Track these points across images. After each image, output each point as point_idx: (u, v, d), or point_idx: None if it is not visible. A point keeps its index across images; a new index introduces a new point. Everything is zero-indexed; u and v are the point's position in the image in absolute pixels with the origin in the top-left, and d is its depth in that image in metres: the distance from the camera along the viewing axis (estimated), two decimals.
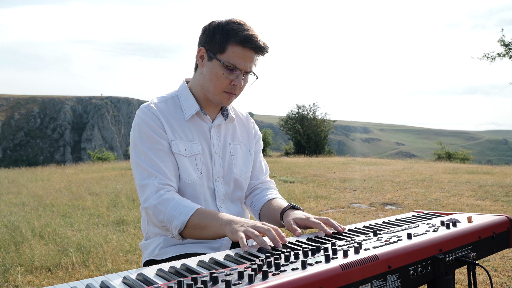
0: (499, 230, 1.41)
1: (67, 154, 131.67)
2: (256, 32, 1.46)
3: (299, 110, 27.26)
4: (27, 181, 11.14)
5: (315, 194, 7.71)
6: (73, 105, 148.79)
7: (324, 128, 25.97)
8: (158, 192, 1.39)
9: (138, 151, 1.47)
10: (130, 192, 8.11)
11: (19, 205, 7.34)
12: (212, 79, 1.48)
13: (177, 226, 1.35)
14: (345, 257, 0.98)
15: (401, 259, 1.06)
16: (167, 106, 1.55)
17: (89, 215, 6.17)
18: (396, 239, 1.15)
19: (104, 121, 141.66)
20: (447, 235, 1.21)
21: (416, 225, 1.36)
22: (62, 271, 3.64)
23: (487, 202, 6.51)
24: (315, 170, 12.04)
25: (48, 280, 3.44)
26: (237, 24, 1.45)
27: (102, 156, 25.65)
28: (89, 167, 15.67)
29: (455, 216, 1.48)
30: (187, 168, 1.50)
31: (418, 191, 7.66)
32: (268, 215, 1.57)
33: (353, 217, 5.54)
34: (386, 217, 1.61)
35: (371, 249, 1.05)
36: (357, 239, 1.19)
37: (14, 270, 3.68)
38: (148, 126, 1.47)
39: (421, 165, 13.83)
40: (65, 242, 4.55)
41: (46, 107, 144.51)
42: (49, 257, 4.00)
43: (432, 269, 1.15)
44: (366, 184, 8.94)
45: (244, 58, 1.44)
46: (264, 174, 1.75)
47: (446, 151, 22.53)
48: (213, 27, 1.47)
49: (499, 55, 11.87)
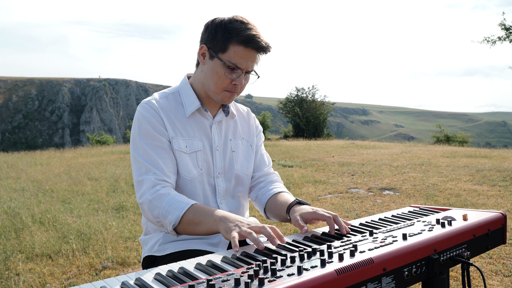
0: (494, 227, 1.42)
1: (66, 137, 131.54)
2: (258, 31, 1.45)
3: (298, 93, 27.15)
4: (26, 166, 11.16)
5: (314, 179, 7.75)
6: (71, 87, 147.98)
7: (323, 111, 25.90)
8: (154, 187, 1.40)
9: (137, 146, 1.47)
10: (129, 177, 8.14)
11: (18, 190, 7.37)
12: (213, 77, 1.47)
13: (171, 222, 1.35)
14: (340, 260, 1.00)
15: (396, 261, 1.07)
16: (168, 102, 1.55)
17: (88, 201, 6.20)
18: (391, 240, 1.16)
19: (102, 103, 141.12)
20: (442, 235, 1.22)
21: (412, 223, 1.37)
22: (62, 259, 3.68)
23: (484, 187, 6.55)
24: (314, 154, 12.06)
25: (49, 268, 3.48)
26: (240, 22, 1.43)
27: (101, 139, 25.63)
28: (88, 151, 15.68)
29: (450, 213, 1.50)
30: (187, 165, 1.50)
31: (416, 176, 7.69)
32: (274, 210, 1.57)
33: (351, 203, 5.58)
34: (383, 213, 1.62)
35: (367, 252, 1.06)
36: (353, 239, 1.20)
37: (15, 258, 3.71)
38: (148, 122, 1.47)
39: (420, 149, 13.86)
40: (65, 228, 4.59)
41: (44, 89, 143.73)
42: (50, 244, 4.04)
43: (427, 269, 1.16)
44: (365, 168, 8.97)
45: (245, 58, 1.44)
46: (266, 165, 1.75)
47: (445, 134, 22.54)
48: (215, 25, 1.45)
49: (499, 39, 11.77)
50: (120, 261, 3.56)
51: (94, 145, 24.11)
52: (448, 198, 5.71)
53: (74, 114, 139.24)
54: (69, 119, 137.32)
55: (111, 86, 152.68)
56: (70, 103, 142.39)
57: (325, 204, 5.54)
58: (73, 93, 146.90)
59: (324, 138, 24.14)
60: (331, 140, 21.32)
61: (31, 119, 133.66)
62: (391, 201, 5.69)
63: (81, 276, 3.29)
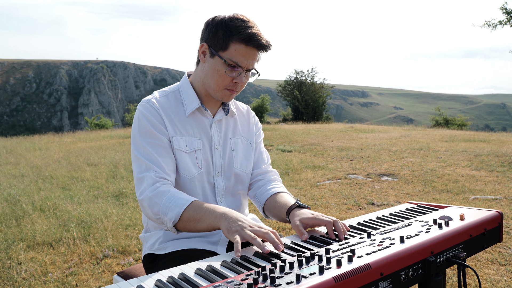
0: (490, 226, 1.44)
1: (64, 119, 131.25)
2: (259, 30, 1.45)
3: (297, 76, 27.00)
4: (25, 151, 11.17)
5: (313, 164, 7.77)
6: (68, 69, 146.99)
7: (322, 94, 25.80)
8: (154, 184, 1.41)
9: (138, 144, 1.48)
10: (129, 163, 8.16)
11: (18, 176, 7.39)
12: (214, 76, 1.47)
13: (171, 218, 1.36)
14: (338, 267, 1.01)
15: (393, 265, 1.09)
16: (168, 100, 1.55)
17: (88, 188, 6.22)
18: (388, 243, 1.17)
19: (100, 85, 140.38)
20: (439, 237, 1.23)
21: (410, 223, 1.38)
22: (63, 247, 3.71)
23: (482, 172, 6.58)
24: (313, 139, 12.07)
25: (50, 256, 3.52)
26: (241, 21, 1.43)
27: (99, 123, 25.59)
28: (87, 135, 15.67)
29: (448, 212, 1.51)
30: (187, 164, 1.51)
31: (415, 161, 7.72)
32: (274, 210, 1.58)
33: (350, 189, 5.61)
34: (381, 210, 1.64)
35: (364, 256, 1.08)
36: (351, 241, 1.22)
37: (17, 246, 3.75)
38: (148, 121, 1.48)
39: (418, 133, 13.87)
40: (65, 216, 4.62)
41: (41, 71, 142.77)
42: (51, 232, 4.07)
43: (423, 271, 1.18)
44: (363, 153, 8.99)
45: (246, 56, 1.43)
46: (265, 163, 1.75)
47: (444, 117, 22.53)
48: (216, 23, 1.45)
49: (500, 23, 11.64)
50: (121, 249, 3.59)
51: (93, 128, 24.10)
52: (446, 184, 5.74)
53: (72, 97, 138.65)
54: (67, 101, 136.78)
55: (109, 68, 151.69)
56: (68, 86, 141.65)
57: (324, 191, 5.57)
58: (71, 75, 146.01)
59: (323, 121, 24.11)
60: (330, 124, 21.30)
61: (29, 101, 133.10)
62: (389, 187, 5.72)
63: (82, 265, 3.33)
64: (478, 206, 4.57)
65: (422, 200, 4.95)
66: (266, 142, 11.24)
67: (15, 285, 3.00)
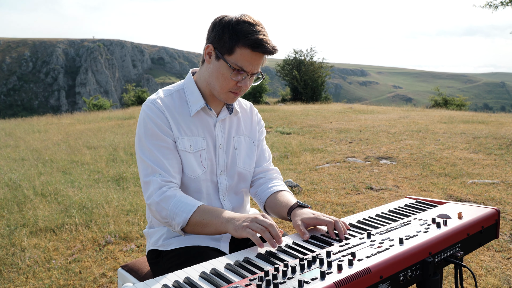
0: (487, 224, 1.47)
1: (62, 99, 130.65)
2: (266, 34, 1.42)
3: (296, 55, 26.78)
4: (24, 134, 11.16)
5: (312, 147, 7.80)
6: (65, 48, 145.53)
7: (321, 74, 25.65)
8: (161, 189, 1.43)
9: (143, 146, 1.49)
10: (128, 146, 8.18)
11: (18, 160, 7.42)
12: (219, 78, 1.47)
13: (179, 223, 1.40)
14: (339, 271, 1.04)
15: (392, 268, 1.12)
16: (173, 100, 1.55)
17: (89, 172, 6.26)
18: (388, 245, 1.20)
19: (97, 64, 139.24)
20: (437, 237, 1.26)
21: (409, 222, 1.41)
22: (66, 233, 3.76)
23: (480, 155, 6.62)
24: (312, 120, 12.07)
25: (53, 243, 3.57)
26: (248, 24, 1.41)
27: (97, 103, 25.48)
28: (85, 117, 15.64)
29: (446, 209, 1.53)
30: (191, 164, 1.53)
31: (413, 143, 7.75)
32: (275, 209, 1.60)
33: (348, 173, 5.65)
34: (380, 206, 1.66)
35: (364, 260, 1.10)
36: (351, 242, 1.24)
37: (20, 233, 3.80)
38: (153, 123, 1.48)
39: (417, 114, 13.88)
40: (66, 201, 4.66)
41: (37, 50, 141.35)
42: (53, 218, 4.12)
43: (421, 272, 1.21)
44: (362, 135, 9.02)
45: (252, 61, 1.43)
46: (267, 161, 1.77)
47: (443, 97, 22.50)
48: (222, 25, 1.43)
49: (502, 4, 11.50)
50: (123, 235, 3.64)
51: (91, 109, 24.03)
52: (444, 168, 5.78)
53: (69, 76, 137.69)
54: (65, 81, 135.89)
55: (105, 47, 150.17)
56: (65, 65, 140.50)
57: (322, 175, 5.61)
58: (67, 54, 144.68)
59: (322, 101, 24.05)
60: (329, 104, 21.26)
61: (26, 81, 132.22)
62: (388, 171, 5.76)
63: (85, 252, 3.38)
64: (476, 190, 4.62)
65: (420, 184, 5.00)
66: (265, 124, 11.22)
67: (19, 272, 3.05)
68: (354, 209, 4.09)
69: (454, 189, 4.70)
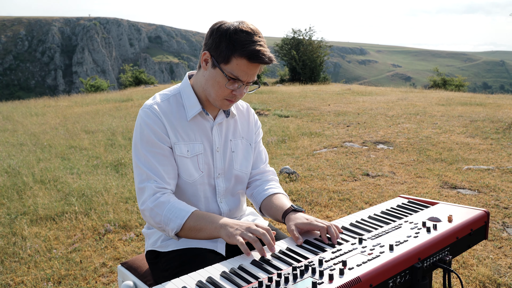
0: (476, 226, 1.51)
1: (59, 78, 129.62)
2: (263, 44, 1.42)
3: (294, 35, 26.52)
4: (22, 117, 11.14)
5: (309, 130, 7.83)
6: (60, 26, 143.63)
7: (320, 54, 25.45)
8: (155, 195, 1.46)
9: (139, 152, 1.51)
10: (126, 131, 8.19)
11: (16, 145, 7.43)
12: (214, 86, 1.48)
13: (173, 229, 1.43)
14: (330, 281, 1.08)
15: (382, 275, 1.16)
16: (170, 105, 1.56)
17: (87, 157, 6.29)
18: (378, 252, 1.24)
19: (94, 43, 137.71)
20: (426, 243, 1.30)
21: (400, 225, 1.45)
22: (66, 222, 3.81)
23: (477, 139, 6.66)
24: (310, 102, 12.06)
25: (53, 231, 3.62)
26: (246, 34, 1.40)
27: (95, 84, 25.30)
28: (83, 99, 15.58)
29: (437, 211, 1.57)
30: (188, 169, 1.55)
31: (410, 127, 7.78)
32: (270, 211, 1.63)
33: (346, 159, 5.69)
34: (373, 207, 1.70)
35: (355, 268, 1.14)
36: (343, 248, 1.28)
37: (20, 221, 3.85)
38: (150, 129, 1.50)
39: (416, 95, 13.85)
40: (66, 189, 4.70)
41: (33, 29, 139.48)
42: (52, 206, 4.16)
43: (410, 277, 1.25)
44: (360, 118, 9.03)
45: (248, 71, 1.43)
46: (263, 162, 1.79)
47: (442, 78, 22.41)
48: (220, 33, 1.43)
49: None
50: (122, 224, 3.70)
51: (88, 90, 23.90)
52: (440, 153, 5.83)
53: (65, 55, 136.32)
54: (61, 60, 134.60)
55: (102, 25, 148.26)
56: (61, 44, 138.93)
57: (320, 160, 5.65)
58: (63, 32, 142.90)
59: (320, 82, 23.94)
60: (328, 85, 21.18)
61: (22, 60, 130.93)
62: (385, 156, 5.80)
63: (85, 241, 3.44)
64: (471, 177, 4.67)
65: (416, 170, 5.05)
66: (263, 107, 11.24)
67: (21, 262, 3.11)
68: (350, 197, 4.14)
69: (449, 176, 4.75)
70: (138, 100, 13.93)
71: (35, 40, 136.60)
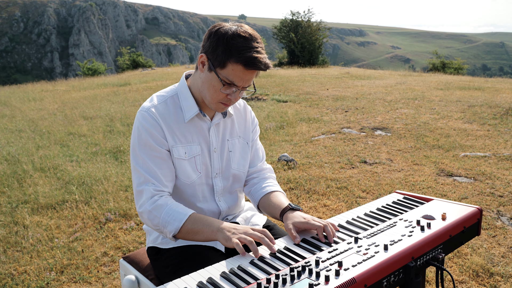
0: (469, 223, 1.54)
1: (55, 60, 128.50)
2: (260, 50, 1.42)
3: (293, 17, 26.23)
4: (19, 103, 11.11)
5: (308, 116, 7.84)
6: (56, 7, 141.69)
7: (319, 37, 25.23)
8: (153, 198, 1.49)
9: (137, 156, 1.53)
10: (125, 117, 8.19)
11: (15, 132, 7.44)
12: (210, 89, 1.50)
13: (171, 231, 1.47)
14: (326, 282, 1.12)
15: (376, 275, 1.20)
16: (167, 107, 1.57)
17: (86, 144, 6.30)
18: (373, 251, 1.28)
19: (90, 25, 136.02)
20: (420, 242, 1.34)
21: (394, 223, 1.49)
22: (67, 210, 3.86)
23: (474, 125, 6.69)
24: (308, 87, 12.03)
25: (55, 220, 3.67)
26: (243, 39, 1.40)
27: (92, 67, 25.12)
28: (80, 83, 15.51)
29: (431, 208, 1.61)
30: (186, 170, 1.57)
31: (408, 113, 7.80)
32: (268, 209, 1.67)
33: (343, 145, 5.73)
34: (369, 203, 1.73)
35: (350, 269, 1.18)
36: (339, 248, 1.32)
37: (22, 210, 3.89)
38: (147, 133, 1.52)
39: (414, 79, 13.83)
40: (66, 177, 4.74)
41: (28, 10, 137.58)
42: (53, 194, 4.21)
43: (404, 276, 1.30)
44: (358, 103, 9.04)
45: (243, 77, 1.44)
46: (260, 160, 1.82)
47: (441, 61, 22.31)
48: (217, 37, 1.43)
49: None
50: (122, 213, 3.74)
51: (86, 73, 23.75)
52: (437, 139, 5.86)
53: (62, 37, 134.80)
54: (57, 42, 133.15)
55: (98, 6, 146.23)
56: (57, 25, 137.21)
57: (318, 147, 5.68)
58: (59, 14, 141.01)
59: (319, 65, 23.81)
60: (326, 68, 21.08)
61: (18, 42, 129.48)
62: (382, 143, 5.84)
63: (86, 230, 3.49)
64: (467, 164, 4.72)
65: (413, 157, 5.09)
66: (262, 91, 11.22)
67: (23, 252, 3.16)
68: (347, 185, 4.19)
69: (446, 163, 4.80)
70: (136, 84, 13.88)
71: (30, 21, 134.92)
